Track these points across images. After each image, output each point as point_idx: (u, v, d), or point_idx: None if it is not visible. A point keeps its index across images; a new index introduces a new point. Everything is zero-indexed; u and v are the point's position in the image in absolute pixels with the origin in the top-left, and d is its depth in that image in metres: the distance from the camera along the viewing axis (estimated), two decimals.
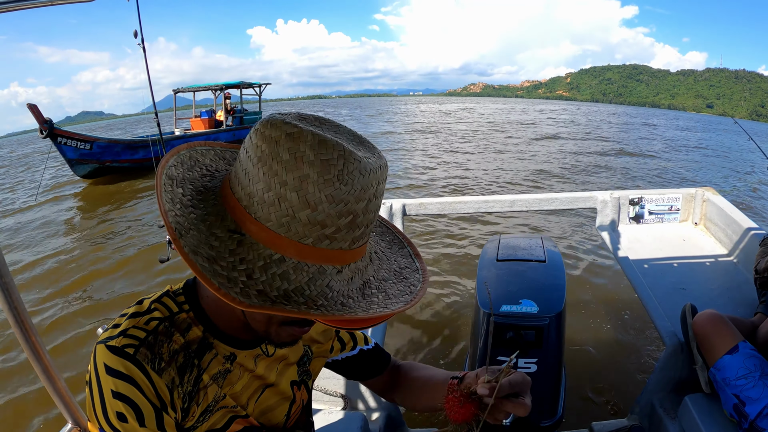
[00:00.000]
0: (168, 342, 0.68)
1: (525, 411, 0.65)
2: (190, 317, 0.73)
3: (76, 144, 10.78)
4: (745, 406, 1.48)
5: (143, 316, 0.69)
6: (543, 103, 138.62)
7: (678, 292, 2.19)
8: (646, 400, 1.90)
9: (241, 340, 0.77)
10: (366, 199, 0.57)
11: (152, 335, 0.67)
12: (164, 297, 0.73)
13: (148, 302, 0.72)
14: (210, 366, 0.73)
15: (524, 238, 2.29)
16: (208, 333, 0.74)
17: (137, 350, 0.65)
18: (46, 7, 0.95)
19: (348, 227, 0.56)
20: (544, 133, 20.36)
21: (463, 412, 0.59)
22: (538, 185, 9.31)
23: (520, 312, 1.66)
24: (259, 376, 0.81)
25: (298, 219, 0.54)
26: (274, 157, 0.54)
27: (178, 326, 0.71)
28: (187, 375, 0.70)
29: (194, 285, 0.77)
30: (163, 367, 0.67)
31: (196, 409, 0.72)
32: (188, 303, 0.74)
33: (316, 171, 0.53)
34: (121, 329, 0.66)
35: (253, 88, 16.87)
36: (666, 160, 13.51)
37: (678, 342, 1.83)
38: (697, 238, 2.75)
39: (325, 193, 0.53)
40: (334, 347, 1.00)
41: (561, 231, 5.99)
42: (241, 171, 0.58)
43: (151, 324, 0.68)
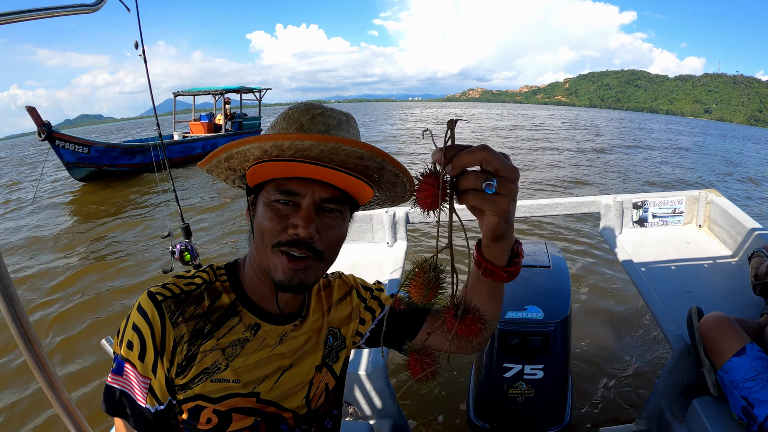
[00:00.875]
0: (195, 305, 0.79)
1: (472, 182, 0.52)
2: (224, 286, 0.84)
3: (73, 147, 10.85)
4: (754, 408, 1.47)
5: (186, 279, 0.83)
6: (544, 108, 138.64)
7: (683, 294, 2.19)
8: (654, 404, 1.90)
9: (270, 315, 0.86)
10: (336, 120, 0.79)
11: (185, 294, 0.79)
12: (208, 268, 0.87)
13: (193, 271, 0.86)
14: (229, 333, 0.81)
15: (528, 243, 2.29)
16: (239, 301, 0.84)
17: (165, 299, 0.77)
18: (47, 18, 0.97)
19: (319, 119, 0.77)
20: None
21: (425, 190, 0.49)
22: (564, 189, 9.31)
23: (526, 318, 1.66)
24: (280, 354, 0.86)
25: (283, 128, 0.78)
26: (281, 116, 0.80)
27: (210, 293, 0.82)
28: (199, 340, 0.78)
29: (235, 262, 0.90)
30: (179, 322, 0.77)
31: (193, 369, 0.78)
32: (227, 275, 0.86)
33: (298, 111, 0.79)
34: (165, 282, 0.81)
35: (253, 93, 16.90)
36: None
37: (685, 345, 1.83)
38: (701, 241, 2.75)
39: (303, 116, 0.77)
40: (365, 320, 1.02)
41: (565, 236, 5.98)
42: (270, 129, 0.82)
43: (189, 286, 0.81)
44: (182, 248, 2.16)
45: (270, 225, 0.75)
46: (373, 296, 1.04)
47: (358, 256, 2.78)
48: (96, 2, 1.05)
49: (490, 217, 0.57)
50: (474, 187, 0.51)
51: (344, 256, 2.79)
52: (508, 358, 1.64)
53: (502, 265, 0.67)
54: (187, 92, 16.24)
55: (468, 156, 0.50)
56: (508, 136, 22.65)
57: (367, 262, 2.69)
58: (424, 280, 0.51)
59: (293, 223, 0.75)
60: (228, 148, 0.73)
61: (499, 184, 0.51)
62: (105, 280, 5.14)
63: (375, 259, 2.71)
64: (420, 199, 0.51)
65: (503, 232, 0.60)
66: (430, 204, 0.50)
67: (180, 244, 2.17)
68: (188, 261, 2.17)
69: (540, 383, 1.63)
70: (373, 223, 2.86)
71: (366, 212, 2.85)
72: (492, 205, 0.53)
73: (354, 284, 1.05)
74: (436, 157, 0.51)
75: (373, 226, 2.87)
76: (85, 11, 1.04)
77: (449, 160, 0.50)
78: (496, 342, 1.65)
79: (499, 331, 1.65)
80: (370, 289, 1.06)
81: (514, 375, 1.63)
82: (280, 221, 0.76)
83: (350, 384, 1.88)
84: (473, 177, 0.51)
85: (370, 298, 1.04)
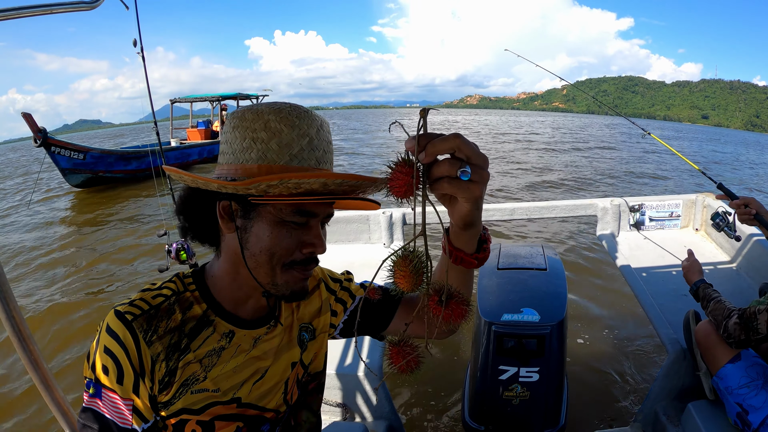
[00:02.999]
0: (167, 319, 0.77)
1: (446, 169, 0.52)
2: (194, 296, 0.82)
3: (69, 154, 10.81)
4: (748, 414, 1.47)
5: (153, 291, 0.79)
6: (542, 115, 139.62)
7: (680, 298, 2.19)
8: (649, 407, 1.89)
9: (243, 320, 0.85)
10: (316, 126, 0.75)
11: (154, 309, 0.76)
12: (174, 278, 0.83)
13: (160, 282, 0.82)
14: (204, 344, 0.80)
15: (525, 246, 2.29)
16: (211, 310, 0.82)
17: (135, 318, 0.74)
18: (45, 15, 0.96)
19: (308, 146, 0.74)
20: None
21: (398, 178, 0.50)
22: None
23: (522, 321, 1.66)
24: (256, 358, 0.86)
25: (270, 148, 0.72)
26: (242, 120, 0.74)
27: (181, 304, 0.80)
28: (176, 354, 0.77)
29: (202, 269, 0.86)
30: (153, 340, 0.74)
31: (175, 385, 0.77)
32: (195, 284, 0.83)
33: (273, 116, 0.73)
34: (132, 299, 0.77)
35: (250, 99, 16.89)
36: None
37: (681, 349, 1.83)
38: (698, 244, 2.75)
39: (283, 123, 0.72)
40: (337, 312, 1.02)
41: (562, 239, 5.98)
42: (224, 145, 0.76)
43: (157, 300, 0.78)
44: (178, 247, 2.15)
45: (286, 245, 0.75)
46: (342, 287, 1.04)
47: (355, 257, 2.78)
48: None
49: (463, 204, 0.58)
50: (448, 174, 0.51)
51: (341, 257, 2.79)
52: (504, 361, 1.63)
53: (472, 252, 0.69)
54: (184, 99, 16.24)
55: (441, 143, 0.50)
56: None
57: (363, 262, 2.69)
58: (412, 269, 0.51)
59: (309, 242, 0.77)
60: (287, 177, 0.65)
61: (472, 171, 0.52)
62: (101, 280, 5.13)
63: (372, 260, 2.71)
64: (393, 188, 0.51)
65: (474, 219, 0.61)
66: (404, 192, 0.51)
67: (176, 243, 2.16)
68: (185, 260, 2.16)
69: (535, 386, 1.62)
70: (370, 223, 2.86)
71: (363, 213, 2.85)
72: (466, 191, 0.53)
73: (322, 276, 1.04)
74: (409, 145, 0.51)
75: (369, 227, 2.87)
76: (84, 8, 1.03)
77: (422, 148, 0.50)
78: (491, 344, 1.65)
79: (494, 334, 1.64)
80: (339, 280, 1.05)
81: (509, 377, 1.63)
82: (296, 241, 0.76)
83: (346, 385, 1.87)
84: (447, 164, 0.51)
85: (339, 289, 1.04)
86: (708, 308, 1.67)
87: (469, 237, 0.67)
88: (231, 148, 0.75)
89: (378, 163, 11.84)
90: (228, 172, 0.74)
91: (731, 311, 1.56)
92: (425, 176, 0.52)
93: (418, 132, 0.51)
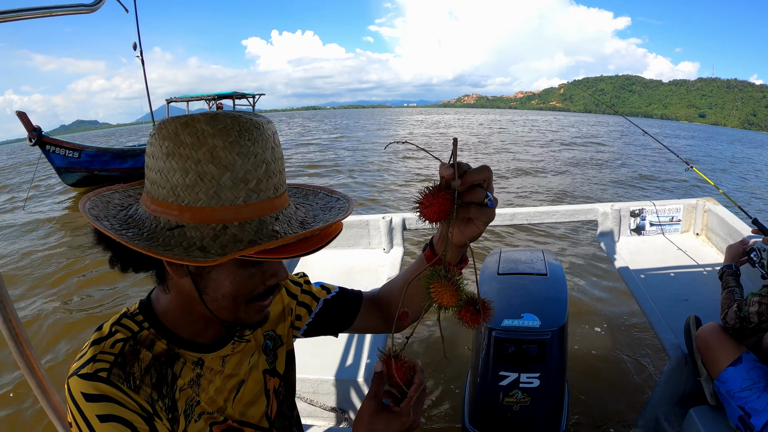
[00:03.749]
0: (137, 361, 0.69)
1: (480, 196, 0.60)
2: (152, 333, 0.74)
3: (64, 152, 10.78)
4: (751, 417, 1.47)
5: (107, 340, 0.70)
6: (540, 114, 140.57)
7: (681, 303, 2.18)
8: (650, 413, 1.89)
9: (205, 345, 0.79)
10: (270, 147, 0.65)
11: (120, 356, 0.68)
12: (123, 319, 0.74)
13: (107, 326, 0.73)
14: (182, 374, 0.75)
15: (525, 251, 2.29)
16: (173, 344, 0.75)
17: (110, 373, 0.65)
18: (45, 18, 0.96)
19: (266, 175, 0.64)
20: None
21: (435, 204, 0.55)
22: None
23: (522, 326, 1.65)
24: (230, 375, 0.83)
25: (223, 185, 0.61)
26: (179, 145, 0.61)
27: (142, 343, 0.72)
28: (164, 388, 0.71)
29: (149, 303, 0.78)
30: (138, 385, 0.67)
31: (181, 419, 0.73)
32: (147, 321, 0.75)
33: (220, 140, 0.61)
34: (88, 357, 0.67)
35: (246, 98, 16.87)
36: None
37: (682, 354, 1.82)
38: (699, 249, 2.74)
39: (235, 152, 0.61)
40: (300, 315, 1.02)
41: (562, 244, 5.97)
42: (155, 174, 0.64)
43: (117, 346, 0.69)
44: None
45: (251, 286, 0.71)
46: (303, 291, 1.03)
47: (355, 262, 2.77)
48: (94, 2, 1.05)
49: (479, 227, 0.66)
50: (479, 200, 0.60)
51: (340, 262, 2.79)
52: (504, 367, 1.62)
53: (455, 263, 0.77)
54: (180, 99, 16.23)
55: (476, 174, 0.58)
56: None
57: (363, 268, 2.69)
58: (451, 286, 0.59)
59: (271, 274, 0.72)
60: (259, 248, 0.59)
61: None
62: (97, 282, 5.12)
63: (371, 265, 2.71)
64: (431, 213, 0.57)
65: (478, 238, 0.69)
66: (439, 216, 0.57)
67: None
68: None
69: (536, 392, 1.61)
70: (370, 229, 2.86)
71: (362, 218, 2.85)
72: (487, 216, 0.62)
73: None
74: (446, 173, 0.57)
75: (369, 232, 2.87)
76: (84, 11, 1.03)
77: (459, 176, 0.57)
78: (492, 350, 1.64)
79: (495, 339, 1.64)
80: (298, 283, 1.04)
81: (509, 383, 1.62)
82: (258, 278, 0.71)
83: (346, 390, 1.86)
84: (479, 192, 0.60)
85: (300, 293, 1.03)
86: (721, 296, 1.76)
87: (459, 251, 0.75)
88: (168, 182, 0.62)
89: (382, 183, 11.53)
90: (168, 213, 0.63)
91: (735, 301, 1.63)
92: (456, 202, 0.58)
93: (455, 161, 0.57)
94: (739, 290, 1.72)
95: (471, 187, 0.60)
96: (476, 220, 0.64)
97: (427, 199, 0.56)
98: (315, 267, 2.72)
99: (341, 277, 2.59)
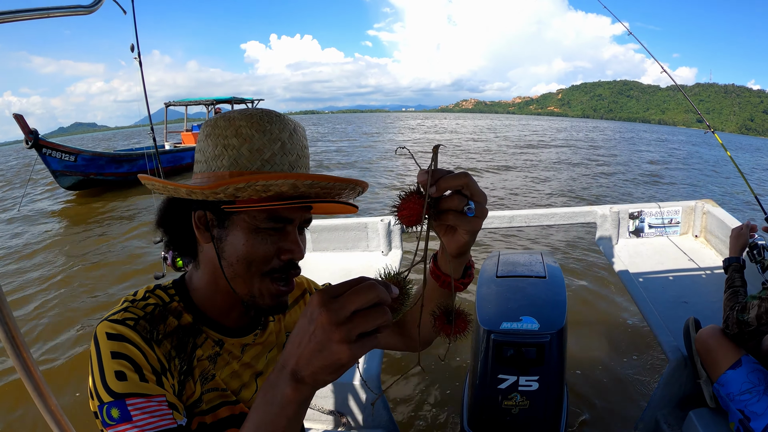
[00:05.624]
0: (163, 323, 0.76)
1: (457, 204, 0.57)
2: (181, 306, 0.80)
3: (60, 156, 10.82)
4: (750, 421, 1.46)
5: (140, 301, 0.77)
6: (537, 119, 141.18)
7: (680, 305, 2.18)
8: (650, 416, 1.88)
9: (229, 329, 0.85)
10: (288, 130, 0.75)
11: (149, 315, 0.74)
12: (157, 289, 0.81)
13: (142, 291, 0.80)
14: (203, 347, 0.80)
15: (524, 254, 2.28)
16: (198, 321, 0.81)
17: (137, 322, 0.71)
18: (42, 18, 0.95)
19: (281, 151, 0.73)
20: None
21: (406, 208, 0.55)
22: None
23: (521, 329, 1.64)
24: (247, 364, 0.87)
25: (241, 153, 0.72)
26: (215, 128, 0.74)
27: (171, 312, 0.78)
28: (182, 353, 0.76)
29: (182, 280, 0.85)
30: (160, 339, 0.73)
31: (192, 385, 0.76)
32: (178, 295, 0.82)
33: (245, 122, 0.73)
34: (120, 308, 0.74)
35: (245, 103, 16.90)
36: None
37: (681, 356, 1.82)
38: (698, 251, 2.74)
39: (254, 129, 0.72)
40: None
41: (561, 246, 5.97)
42: (198, 154, 0.77)
43: (148, 308, 0.76)
44: (174, 254, 2.12)
45: (263, 253, 0.74)
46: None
47: (353, 264, 2.77)
48: (92, 4, 1.04)
49: (463, 236, 0.63)
50: (456, 208, 0.57)
51: (338, 264, 2.79)
52: (503, 370, 1.62)
53: (458, 278, 0.73)
54: (179, 102, 16.24)
55: (452, 180, 0.56)
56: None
57: (361, 270, 2.68)
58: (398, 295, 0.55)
59: (286, 248, 0.75)
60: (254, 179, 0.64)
61: (475, 207, 0.58)
62: (95, 285, 5.11)
63: (370, 268, 2.70)
64: (403, 216, 0.56)
65: (468, 248, 0.66)
66: (414, 220, 0.55)
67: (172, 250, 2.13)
68: (180, 267, 2.14)
69: (535, 395, 1.61)
70: (368, 231, 2.85)
71: (361, 220, 2.84)
72: (468, 224, 0.59)
73: (307, 287, 1.07)
74: (422, 179, 0.55)
75: (368, 235, 2.86)
76: (81, 12, 1.02)
77: (434, 182, 0.55)
78: (490, 353, 1.63)
79: (493, 342, 1.63)
80: None
81: (508, 386, 1.61)
82: (273, 247, 0.75)
83: (343, 393, 1.85)
84: (456, 199, 0.57)
85: None
86: (724, 297, 1.76)
87: (458, 264, 0.71)
88: (204, 157, 0.75)
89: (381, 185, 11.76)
90: (201, 180, 0.74)
91: (738, 304, 1.61)
92: (433, 208, 0.57)
93: (430, 167, 0.56)
94: (743, 290, 1.72)
95: (452, 193, 0.57)
96: (459, 228, 0.62)
97: (403, 203, 0.56)
98: (313, 269, 2.72)
99: (339, 280, 2.56)
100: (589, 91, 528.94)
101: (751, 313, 1.51)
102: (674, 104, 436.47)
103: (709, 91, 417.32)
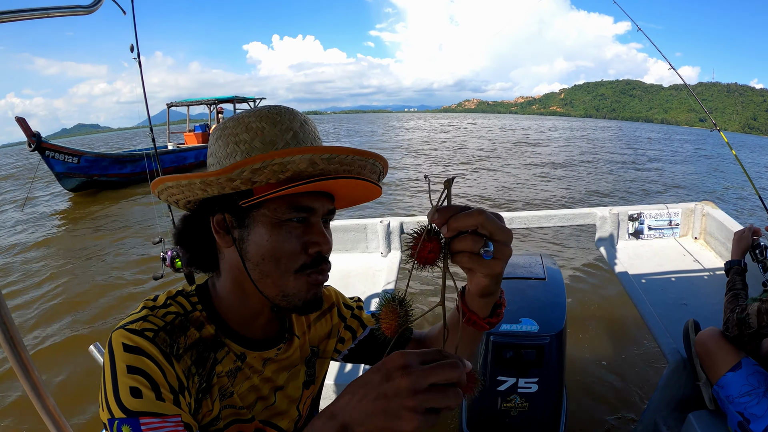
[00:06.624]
0: (184, 335, 0.71)
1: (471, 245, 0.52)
2: (203, 316, 0.76)
3: (63, 158, 10.85)
4: (750, 423, 1.46)
5: (160, 309, 0.72)
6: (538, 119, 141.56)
7: (679, 307, 2.17)
8: (649, 418, 1.88)
9: (252, 341, 0.80)
10: (299, 121, 0.73)
11: (170, 326, 0.70)
12: (178, 296, 0.77)
13: (163, 297, 0.75)
14: (223, 362, 0.76)
15: (523, 255, 2.28)
16: (220, 332, 0.77)
17: (156, 334, 0.67)
18: (42, 18, 0.95)
19: (293, 140, 0.71)
20: None
21: (420, 249, 0.51)
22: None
23: (520, 331, 1.64)
24: (268, 379, 0.83)
25: (254, 147, 0.70)
26: (224, 129, 0.73)
27: (192, 322, 0.74)
28: (201, 369, 0.72)
29: (206, 287, 0.81)
30: (180, 354, 0.69)
31: (210, 403, 0.73)
32: (201, 303, 0.77)
33: (254, 117, 0.71)
34: (139, 316, 0.69)
35: (247, 102, 16.90)
36: None
37: (681, 359, 1.81)
38: (697, 253, 2.74)
39: (264, 121, 0.71)
40: (345, 339, 1.00)
41: (560, 248, 5.97)
42: (210, 157, 0.76)
43: (168, 317, 0.71)
44: (173, 255, 2.12)
45: (291, 248, 0.70)
46: (353, 315, 1.01)
47: (352, 266, 2.76)
48: (92, 4, 1.04)
49: (482, 279, 0.58)
50: (470, 250, 0.52)
51: (338, 266, 2.78)
52: (502, 371, 1.62)
53: (485, 317, 0.69)
54: (181, 103, 16.27)
55: (464, 219, 0.51)
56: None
57: (360, 272, 2.67)
58: (394, 318, 0.53)
59: (312, 241, 0.72)
60: (270, 157, 0.62)
61: (495, 247, 0.52)
62: (94, 288, 5.10)
63: (369, 270, 2.69)
64: (417, 257, 0.52)
65: (492, 291, 0.62)
66: (419, 260, 0.52)
67: (171, 251, 2.13)
68: (179, 268, 2.13)
69: (534, 396, 1.61)
70: (367, 232, 2.85)
71: (360, 222, 2.84)
72: (485, 268, 0.54)
73: (335, 301, 1.01)
74: (433, 219, 0.51)
75: (367, 236, 2.86)
76: (81, 12, 1.02)
77: (445, 222, 0.51)
78: (490, 355, 1.63)
79: (493, 344, 1.63)
80: (351, 307, 1.02)
81: (508, 388, 1.61)
82: (298, 241, 0.71)
83: None
84: (470, 240, 0.52)
85: (350, 317, 1.01)
86: (725, 299, 1.73)
87: (485, 303, 0.66)
88: (216, 158, 0.74)
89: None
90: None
91: (738, 306, 1.60)
92: (445, 250, 0.52)
93: (440, 203, 0.52)
94: (744, 293, 1.71)
95: (467, 233, 0.52)
96: (476, 270, 0.56)
97: (415, 243, 0.52)
98: None
99: (339, 282, 2.58)
100: (592, 90, 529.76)
101: (750, 314, 1.50)
102: (677, 103, 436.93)
103: (712, 90, 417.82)
